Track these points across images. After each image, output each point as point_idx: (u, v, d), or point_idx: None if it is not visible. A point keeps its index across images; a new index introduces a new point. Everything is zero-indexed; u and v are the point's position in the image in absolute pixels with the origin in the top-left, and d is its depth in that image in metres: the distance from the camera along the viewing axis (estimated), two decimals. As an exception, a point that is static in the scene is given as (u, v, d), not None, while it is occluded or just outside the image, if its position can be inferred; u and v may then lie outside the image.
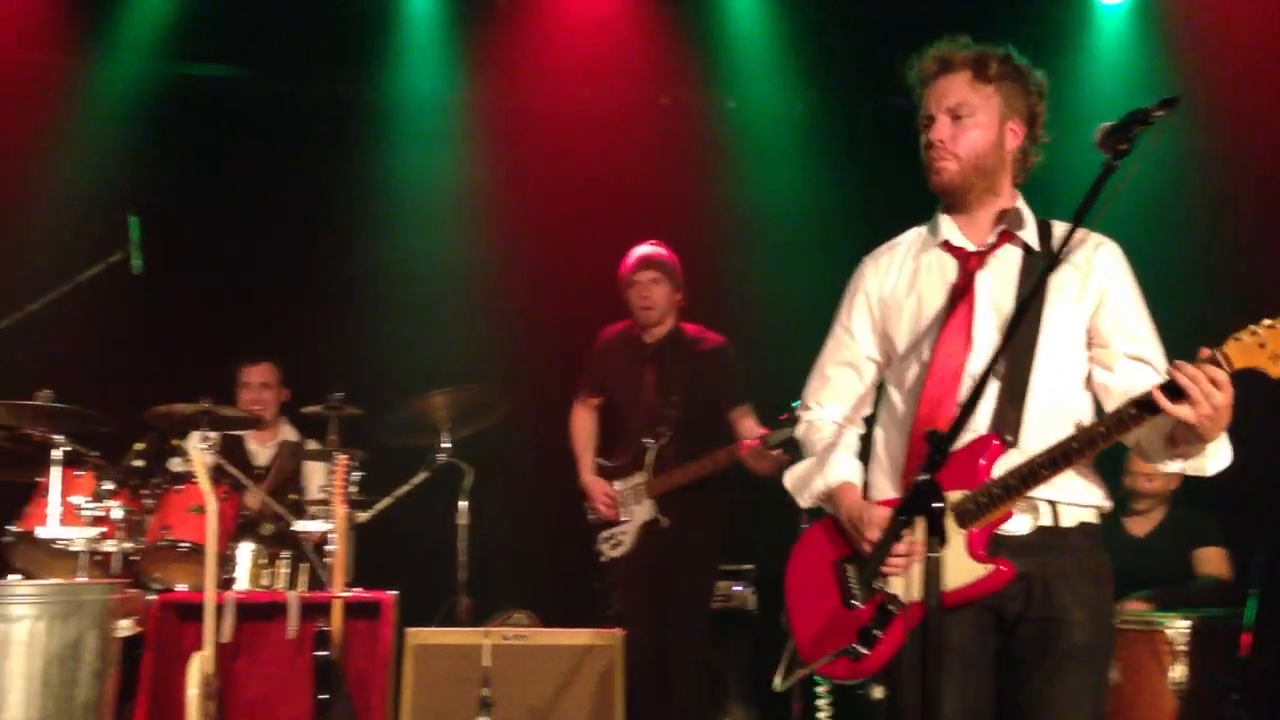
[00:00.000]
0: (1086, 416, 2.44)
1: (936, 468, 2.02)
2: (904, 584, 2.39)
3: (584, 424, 5.09)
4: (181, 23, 5.93)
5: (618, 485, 4.88)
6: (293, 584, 4.42)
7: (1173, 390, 2.18)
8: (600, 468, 4.96)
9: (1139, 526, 4.67)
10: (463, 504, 4.79)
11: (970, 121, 2.48)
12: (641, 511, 4.80)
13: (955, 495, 2.35)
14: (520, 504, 5.92)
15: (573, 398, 5.12)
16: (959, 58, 2.52)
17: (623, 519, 4.83)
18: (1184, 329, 2.51)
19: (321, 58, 6.04)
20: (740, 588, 5.38)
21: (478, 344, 5.96)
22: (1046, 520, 2.39)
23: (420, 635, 4.28)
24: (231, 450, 5.14)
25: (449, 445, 4.78)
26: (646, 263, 4.90)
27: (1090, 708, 2.37)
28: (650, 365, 4.92)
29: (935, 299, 2.53)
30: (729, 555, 5.05)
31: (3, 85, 5.73)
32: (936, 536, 1.97)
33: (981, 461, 2.38)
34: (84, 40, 5.93)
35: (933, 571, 2.01)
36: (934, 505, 2.01)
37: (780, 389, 3.70)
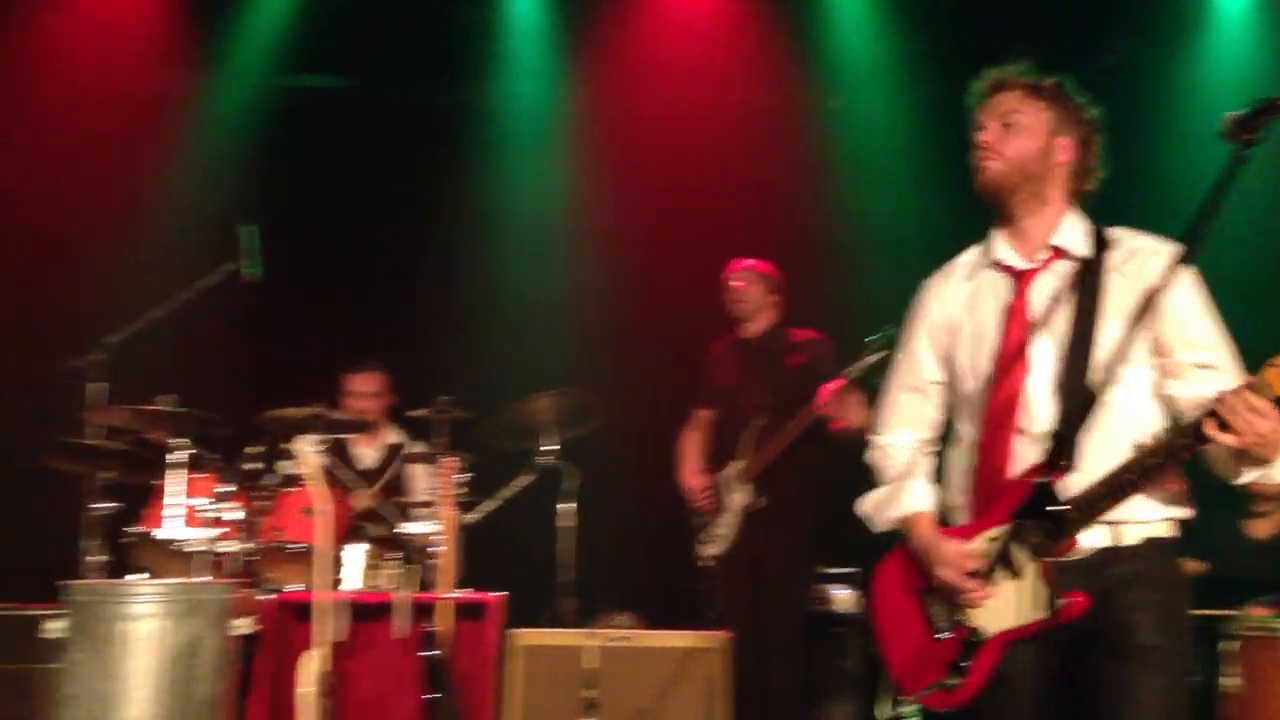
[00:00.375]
0: (1154, 426, 2.38)
1: (1053, 470, 2.00)
2: (985, 614, 2.39)
3: (692, 434, 5.23)
4: (291, 37, 6.09)
5: (716, 477, 4.98)
6: (401, 585, 4.49)
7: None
8: (702, 469, 5.07)
9: (1261, 529, 4.52)
10: (568, 506, 4.82)
11: (1019, 129, 2.51)
12: (740, 498, 4.87)
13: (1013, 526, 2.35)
14: (624, 507, 5.94)
15: (676, 400, 5.23)
16: (1014, 78, 2.56)
17: (723, 510, 4.89)
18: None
19: (427, 67, 6.15)
20: (841, 590, 5.34)
21: (582, 348, 6.01)
22: (1107, 541, 2.35)
23: (525, 636, 4.32)
24: (339, 454, 5.25)
25: (553, 448, 4.82)
26: (740, 268, 5.11)
27: (1163, 712, 2.29)
28: (747, 360, 5.06)
29: (991, 320, 2.53)
30: (831, 557, 5.04)
31: (127, 104, 5.92)
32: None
33: (1027, 492, 2.33)
34: (201, 59, 6.11)
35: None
36: (1050, 509, 1.98)
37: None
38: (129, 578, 4.20)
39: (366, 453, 5.55)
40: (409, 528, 4.66)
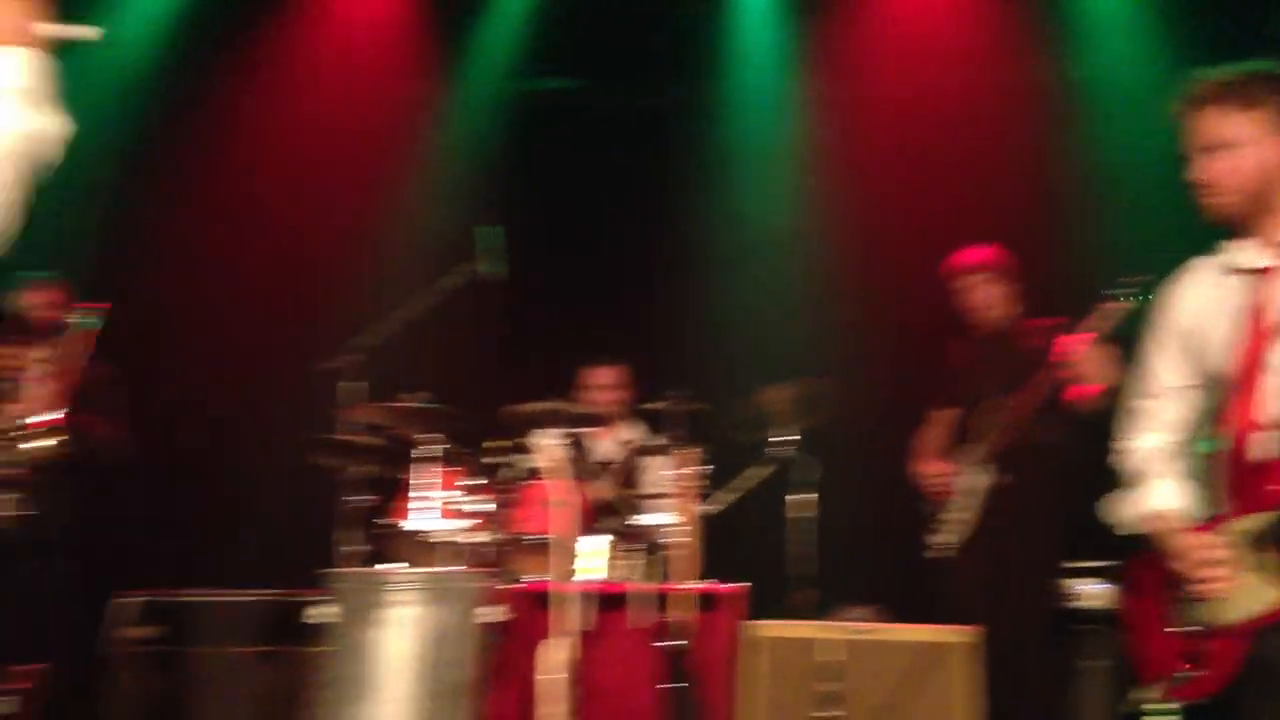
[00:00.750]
0: None
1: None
2: (1230, 604, 2.38)
3: (930, 431, 5.09)
4: (528, 41, 6.26)
5: (954, 464, 4.86)
6: (640, 576, 4.54)
7: None
8: (938, 458, 4.95)
9: None
10: (805, 497, 4.77)
11: (1226, 155, 2.43)
12: (980, 480, 4.74)
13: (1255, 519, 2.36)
14: (862, 499, 5.84)
15: (913, 389, 5.12)
16: (1203, 92, 2.47)
17: (960, 496, 4.77)
18: None
19: (659, 65, 6.21)
20: (1093, 585, 5.10)
21: (818, 339, 5.95)
22: None
23: (765, 628, 4.30)
24: (578, 447, 5.35)
25: (790, 439, 4.78)
26: (973, 261, 4.94)
27: None
28: (985, 354, 4.92)
29: (1232, 322, 2.49)
30: (1082, 551, 4.82)
31: (374, 111, 6.22)
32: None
33: (1270, 486, 2.34)
34: (442, 65, 6.36)
35: None
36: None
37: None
38: (384, 566, 4.38)
39: (605, 446, 5.64)
40: (648, 519, 4.72)
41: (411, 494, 4.57)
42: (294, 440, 4.85)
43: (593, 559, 4.58)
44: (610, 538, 4.69)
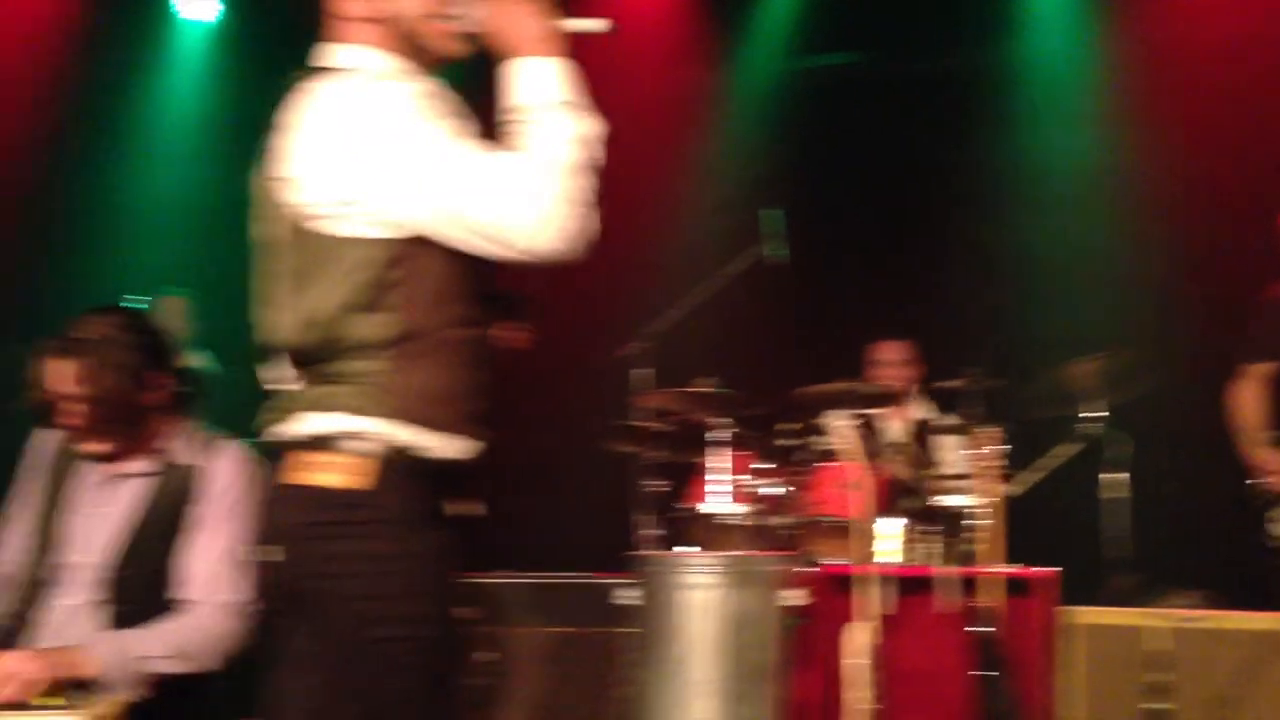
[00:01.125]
0: None
1: None
2: None
3: (1247, 394, 4.63)
4: (803, 18, 6.19)
5: None
6: (940, 559, 4.41)
7: None
8: (1274, 439, 4.50)
9: None
10: (1117, 476, 4.52)
11: None
12: None
13: None
14: (1181, 477, 5.49)
15: (1229, 359, 4.69)
16: None
17: None
18: None
19: (940, 35, 6.02)
20: None
21: (1123, 309, 5.64)
22: None
23: (1083, 614, 4.08)
24: (868, 427, 5.24)
25: (1099, 415, 4.53)
26: None
27: None
28: None
29: None
30: None
31: (658, 99, 6.27)
32: None
33: None
34: (720, 47, 6.37)
35: None
36: None
37: None
38: (684, 550, 4.42)
39: (895, 426, 5.52)
40: (946, 500, 4.58)
41: (706, 478, 4.59)
42: (591, 427, 4.96)
43: (889, 541, 4.48)
44: (905, 520, 4.58)
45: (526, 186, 1.88)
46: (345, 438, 1.94)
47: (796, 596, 4.10)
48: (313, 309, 1.95)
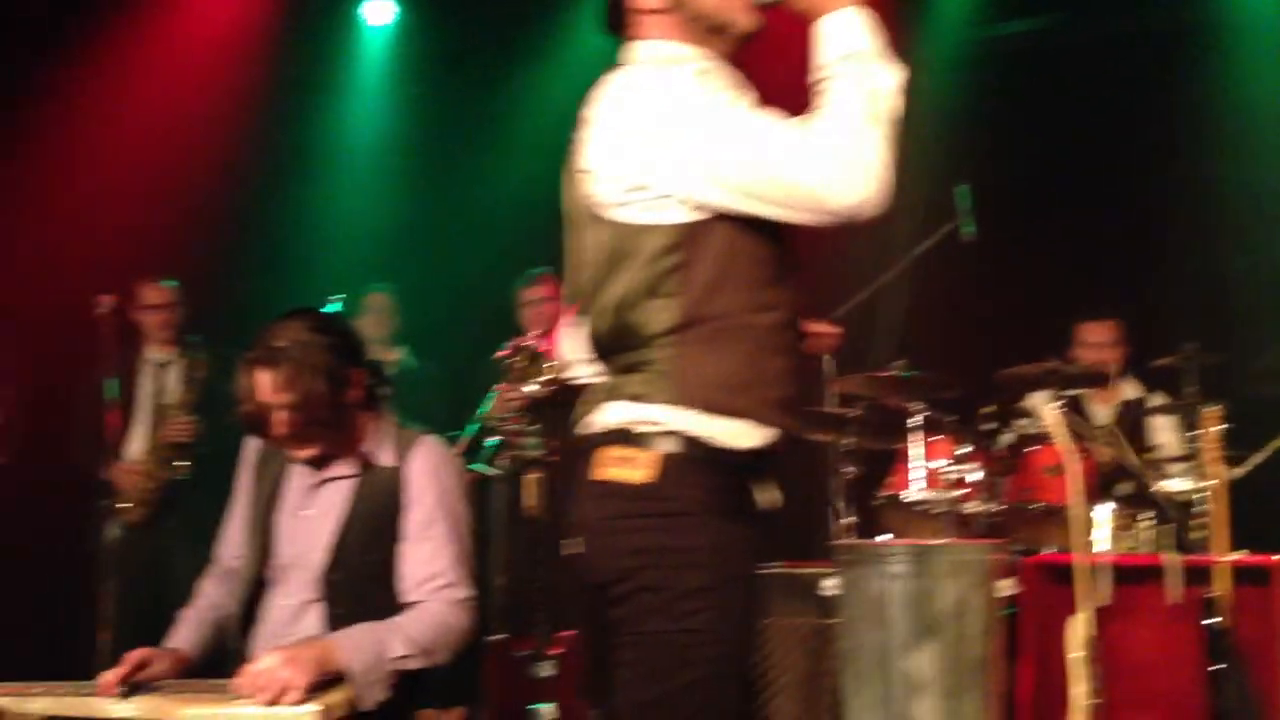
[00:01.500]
0: None
1: None
2: None
3: None
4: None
5: None
6: (1154, 545, 4.19)
7: None
8: None
9: None
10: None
11: None
12: None
13: None
14: None
15: None
16: None
17: None
18: None
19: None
20: None
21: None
22: None
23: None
24: (1075, 409, 5.02)
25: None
26: None
27: None
28: None
29: None
30: None
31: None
32: None
33: None
34: (902, 24, 6.17)
35: None
36: None
37: None
38: (886, 539, 4.30)
39: (1101, 409, 5.28)
40: (1162, 485, 4.35)
41: (906, 464, 4.46)
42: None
43: (1101, 528, 4.27)
44: (1115, 505, 4.36)
45: (834, 145, 1.82)
46: (639, 428, 1.92)
47: (1006, 586, 3.95)
48: (609, 298, 1.96)
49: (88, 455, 5.07)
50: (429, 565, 2.67)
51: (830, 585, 3.97)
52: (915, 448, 4.44)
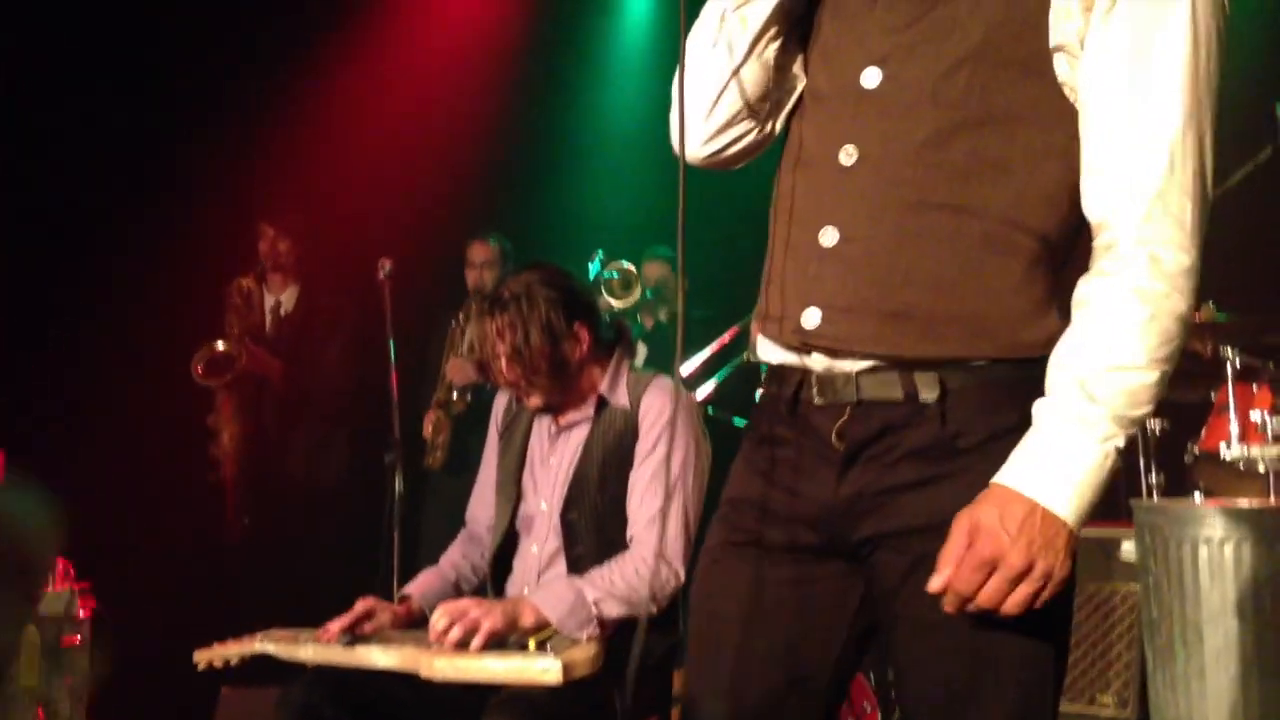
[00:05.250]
0: None
1: None
2: None
3: None
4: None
5: None
6: None
7: None
8: None
9: None
10: None
11: None
12: None
13: None
14: None
15: None
16: None
17: None
18: None
19: None
20: None
21: None
22: None
23: None
24: None
25: None
26: None
27: None
28: None
29: None
30: None
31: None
32: None
33: None
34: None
35: None
36: None
37: None
38: (1200, 499, 3.91)
39: None
40: None
41: (1220, 416, 4.03)
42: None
43: None
44: None
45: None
46: None
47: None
48: None
49: (376, 414, 5.29)
50: (651, 505, 2.68)
51: (1131, 549, 3.63)
52: (1236, 399, 4.00)
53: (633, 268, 5.45)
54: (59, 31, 5.77)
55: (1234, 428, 3.94)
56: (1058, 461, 1.54)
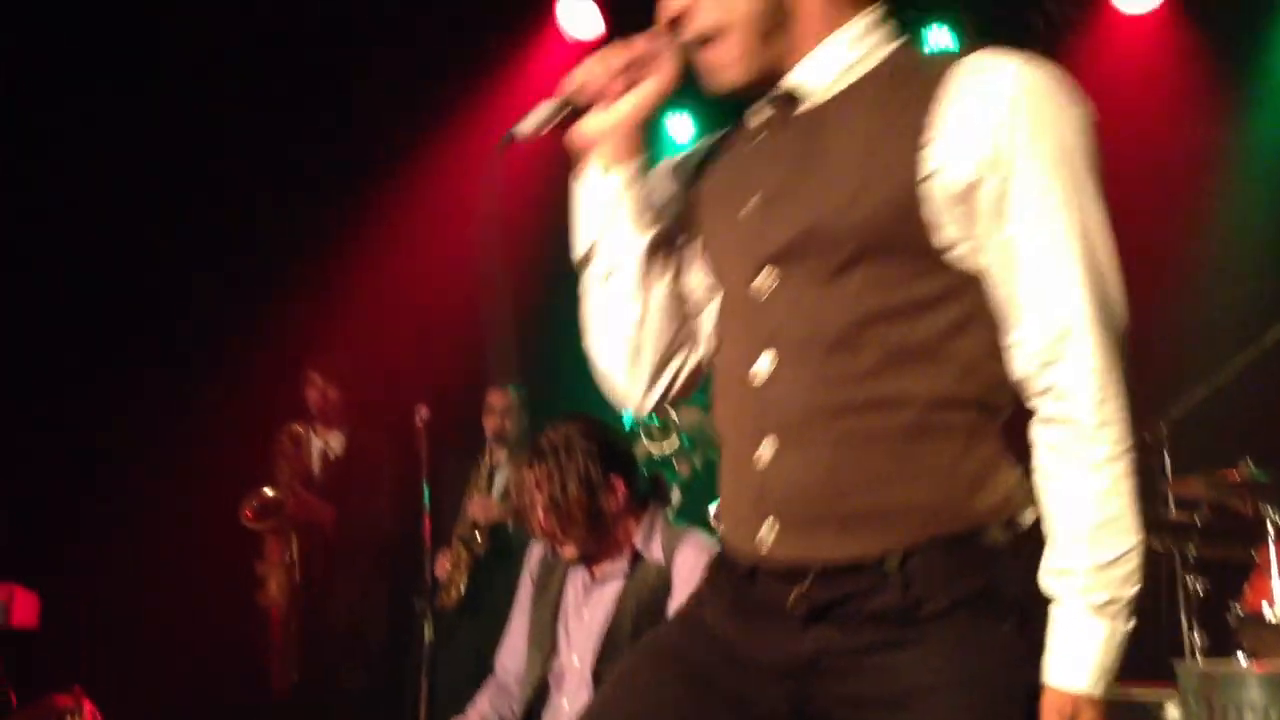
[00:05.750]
0: None
1: None
2: None
3: None
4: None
5: None
6: None
7: None
8: None
9: None
10: None
11: None
12: None
13: None
14: None
15: None
16: None
17: None
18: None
19: None
20: None
21: None
22: None
23: None
24: None
25: None
26: None
27: None
28: None
29: None
30: None
31: (1170, 161, 5.69)
32: None
33: None
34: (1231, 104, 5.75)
35: None
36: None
37: None
38: (1238, 660, 3.83)
39: None
40: None
41: (1267, 577, 3.97)
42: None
43: None
44: None
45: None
46: None
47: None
48: None
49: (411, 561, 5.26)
50: None
51: (1176, 712, 3.56)
52: (1270, 557, 3.96)
53: (672, 412, 5.47)
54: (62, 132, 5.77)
55: (1277, 588, 3.88)
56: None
